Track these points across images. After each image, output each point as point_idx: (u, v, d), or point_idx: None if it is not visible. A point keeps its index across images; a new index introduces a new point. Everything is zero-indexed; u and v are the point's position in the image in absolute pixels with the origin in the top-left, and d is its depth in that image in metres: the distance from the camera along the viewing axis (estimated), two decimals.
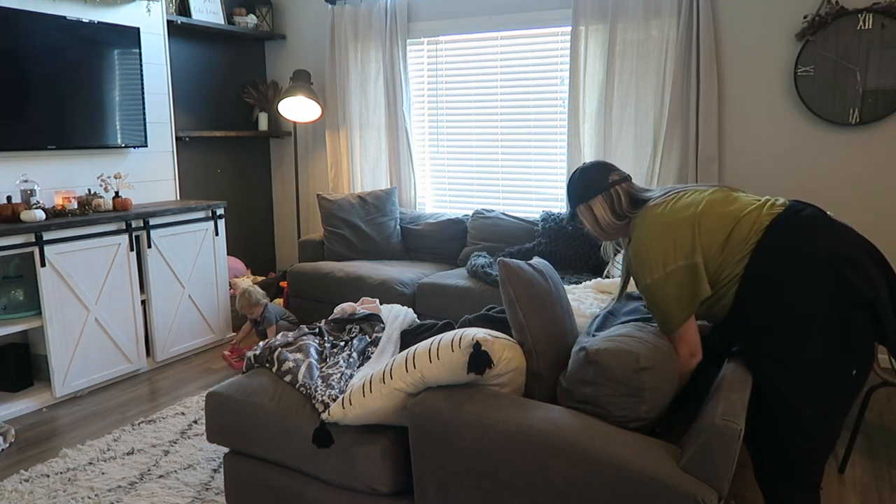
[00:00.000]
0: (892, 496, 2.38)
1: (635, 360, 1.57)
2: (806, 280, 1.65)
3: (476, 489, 1.63)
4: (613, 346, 1.62)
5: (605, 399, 1.59)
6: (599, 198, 1.95)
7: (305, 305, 4.11)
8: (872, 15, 3.30)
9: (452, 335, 1.74)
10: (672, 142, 3.76)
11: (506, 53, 4.31)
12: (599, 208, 1.95)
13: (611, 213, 1.94)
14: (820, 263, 1.64)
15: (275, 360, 2.17)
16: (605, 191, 1.94)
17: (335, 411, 1.84)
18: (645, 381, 1.56)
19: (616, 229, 1.96)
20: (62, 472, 2.60)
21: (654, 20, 3.73)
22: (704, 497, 1.36)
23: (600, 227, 1.98)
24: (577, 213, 2.03)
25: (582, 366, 1.64)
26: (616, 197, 1.94)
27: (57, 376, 3.24)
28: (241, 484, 2.10)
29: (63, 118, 3.46)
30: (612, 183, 1.95)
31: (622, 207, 1.93)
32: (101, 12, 3.66)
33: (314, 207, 5.18)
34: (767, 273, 1.70)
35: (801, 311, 1.65)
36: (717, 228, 1.75)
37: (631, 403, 1.57)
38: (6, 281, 3.24)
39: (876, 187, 3.46)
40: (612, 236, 2.01)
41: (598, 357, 1.60)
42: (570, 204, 2.04)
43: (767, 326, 1.71)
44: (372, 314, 2.57)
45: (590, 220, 1.99)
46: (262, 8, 4.91)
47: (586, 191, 1.97)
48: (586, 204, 1.98)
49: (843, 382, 1.68)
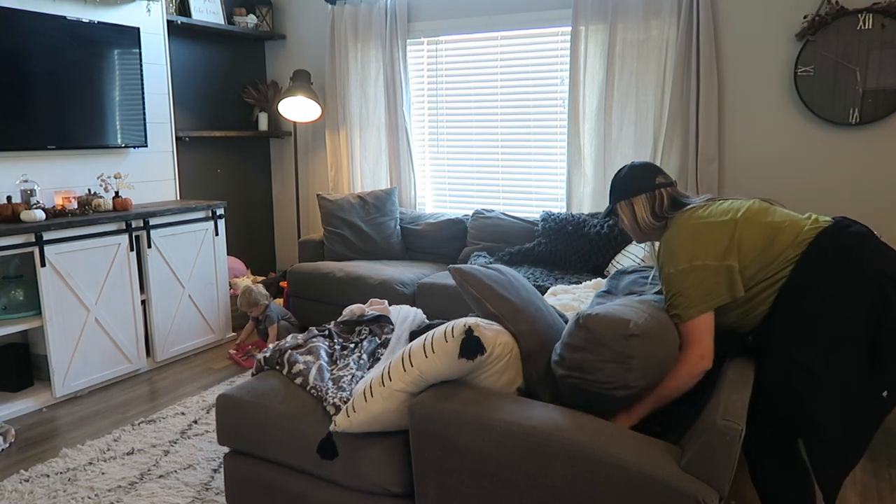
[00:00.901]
0: (893, 496, 2.38)
1: (625, 326, 1.57)
2: (848, 293, 1.64)
3: (477, 489, 1.63)
4: (605, 311, 1.63)
5: (593, 364, 1.60)
6: (643, 197, 1.96)
7: (305, 305, 4.11)
8: (872, 15, 3.30)
9: (445, 326, 1.73)
10: (672, 142, 3.76)
11: (506, 53, 4.31)
12: (640, 207, 1.96)
13: (650, 213, 1.95)
14: (865, 279, 1.63)
15: (285, 362, 2.17)
16: (650, 191, 1.95)
17: (341, 421, 1.82)
18: (633, 347, 1.56)
19: (652, 230, 1.97)
20: (62, 472, 2.60)
21: (654, 20, 3.73)
22: (705, 497, 1.36)
23: (637, 226, 1.98)
24: (616, 208, 2.02)
25: (573, 331, 1.66)
26: (659, 198, 1.95)
27: (57, 376, 3.24)
28: (241, 484, 2.10)
29: (63, 118, 3.46)
30: (658, 185, 1.95)
31: (662, 209, 1.94)
32: (101, 12, 3.66)
33: (314, 207, 5.18)
34: (810, 281, 1.69)
35: (837, 322, 1.64)
36: (756, 236, 1.75)
37: (618, 370, 1.58)
38: (6, 281, 3.24)
39: (876, 187, 3.46)
40: (647, 237, 2.01)
41: (589, 322, 1.62)
42: (611, 199, 2.05)
43: (799, 334, 1.70)
44: (381, 315, 2.57)
45: (629, 217, 1.99)
46: (262, 8, 4.91)
47: (631, 188, 1.97)
48: (628, 201, 1.98)
49: (870, 401, 1.66)
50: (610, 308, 1.65)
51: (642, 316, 1.63)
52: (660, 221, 1.94)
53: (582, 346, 1.62)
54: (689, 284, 1.74)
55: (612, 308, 1.65)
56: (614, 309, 1.64)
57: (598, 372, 1.59)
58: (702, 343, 1.74)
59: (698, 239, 1.77)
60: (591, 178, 4.04)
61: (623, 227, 2.05)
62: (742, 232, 1.76)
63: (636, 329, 1.56)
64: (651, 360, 1.59)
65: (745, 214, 1.79)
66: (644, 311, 1.66)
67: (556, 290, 2.93)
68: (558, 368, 1.69)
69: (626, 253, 3.55)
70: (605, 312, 1.62)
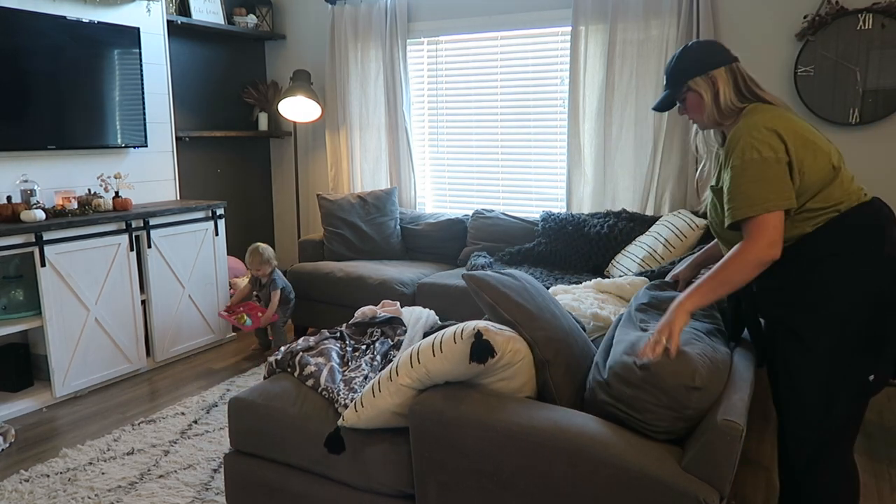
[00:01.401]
0: (893, 496, 2.38)
1: (690, 378, 1.47)
2: (861, 271, 1.61)
3: (477, 489, 1.62)
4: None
5: (644, 405, 1.51)
6: (724, 69, 1.71)
7: (305, 305, 4.11)
8: (872, 15, 3.30)
9: (455, 328, 1.72)
10: (672, 142, 3.76)
11: (506, 53, 4.31)
12: (723, 83, 1.71)
13: (734, 90, 1.71)
14: (882, 261, 1.61)
15: (296, 364, 2.17)
16: (730, 63, 1.71)
17: (349, 416, 1.83)
18: (693, 399, 1.47)
19: (731, 113, 1.73)
20: (62, 472, 2.60)
21: (654, 20, 3.73)
22: (706, 497, 1.36)
23: (717, 107, 1.73)
24: (689, 87, 1.75)
25: (629, 365, 1.55)
26: (739, 74, 1.72)
27: (57, 376, 3.24)
28: (241, 484, 2.10)
29: (63, 118, 3.46)
30: (734, 58, 1.72)
31: (747, 87, 1.71)
32: (101, 12, 3.66)
33: (314, 207, 5.18)
34: (829, 246, 1.63)
35: (842, 298, 1.61)
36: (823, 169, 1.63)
37: (669, 417, 1.49)
38: (6, 281, 3.24)
39: (876, 187, 3.46)
40: (719, 123, 1.78)
41: (652, 363, 1.51)
42: (676, 80, 1.76)
43: (801, 302, 1.67)
44: (393, 317, 2.57)
45: (709, 95, 1.73)
46: (262, 8, 4.91)
47: (708, 62, 1.71)
48: (708, 76, 1.71)
49: (854, 382, 1.65)
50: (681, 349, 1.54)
51: (705, 364, 1.53)
52: (743, 103, 1.71)
53: (637, 383, 1.52)
54: (758, 175, 1.59)
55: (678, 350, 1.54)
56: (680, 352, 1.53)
57: (647, 413, 1.51)
58: (771, 232, 1.58)
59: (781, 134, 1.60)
60: (590, 178, 4.04)
61: (688, 112, 1.79)
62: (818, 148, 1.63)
63: (700, 382, 1.47)
64: (702, 412, 1.51)
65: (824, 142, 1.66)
66: (707, 357, 1.56)
67: (556, 290, 2.93)
68: (601, 393, 1.60)
69: (626, 253, 3.55)
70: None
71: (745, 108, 1.72)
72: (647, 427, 1.52)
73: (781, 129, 1.62)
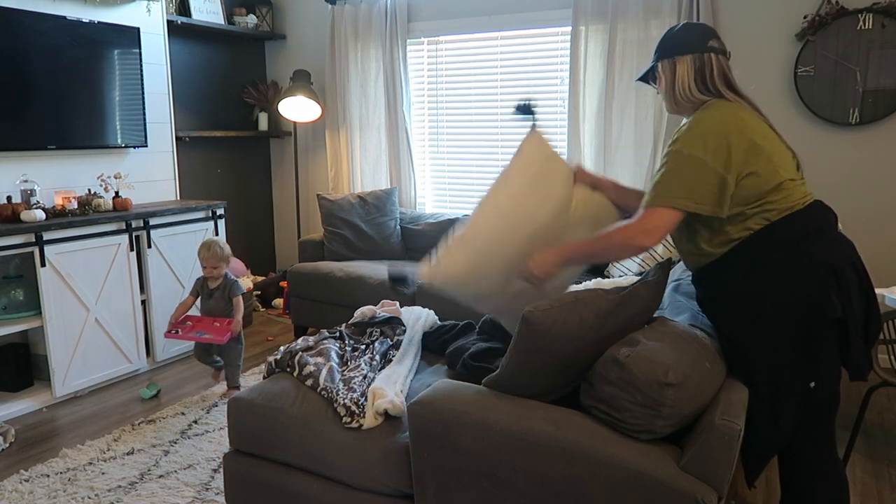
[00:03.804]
0: (893, 496, 2.38)
1: (663, 374, 1.45)
2: (792, 279, 1.60)
3: (476, 489, 1.63)
4: (645, 352, 1.51)
5: (622, 403, 1.50)
6: (689, 57, 1.72)
7: (305, 305, 4.11)
8: (872, 15, 3.30)
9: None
10: None
11: (506, 53, 4.31)
12: (684, 69, 1.72)
13: (695, 79, 1.71)
14: (810, 267, 1.59)
15: (296, 364, 2.17)
16: (699, 53, 1.71)
17: (428, 272, 1.89)
18: (668, 397, 1.44)
19: (688, 103, 1.73)
20: (62, 472, 2.60)
21: (654, 20, 3.72)
22: (704, 497, 1.36)
23: (673, 93, 1.75)
24: (657, 68, 1.79)
25: (608, 364, 1.55)
26: (708, 64, 1.71)
27: (57, 376, 3.24)
28: (241, 484, 2.10)
29: (63, 118, 3.46)
30: (709, 48, 1.71)
31: (711, 80, 1.70)
32: (101, 12, 3.66)
33: (314, 207, 5.18)
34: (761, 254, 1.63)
35: (774, 308, 1.61)
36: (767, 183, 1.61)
37: (646, 415, 1.47)
38: (6, 281, 3.24)
39: (876, 187, 3.46)
40: (679, 109, 1.78)
41: (626, 360, 1.51)
42: (654, 57, 1.80)
43: (735, 312, 1.67)
44: (392, 317, 2.57)
45: (668, 79, 1.75)
46: (262, 8, 4.91)
47: (677, 46, 1.73)
48: (671, 60, 1.74)
49: (794, 392, 1.64)
50: (650, 347, 1.54)
51: (682, 360, 1.50)
52: (702, 94, 1.70)
53: (614, 381, 1.51)
54: (685, 170, 1.60)
55: (652, 347, 1.53)
56: (655, 349, 1.52)
57: (624, 412, 1.50)
58: (656, 225, 1.62)
59: (726, 136, 1.59)
60: None
61: (658, 92, 1.81)
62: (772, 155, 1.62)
63: (674, 378, 1.44)
64: (682, 410, 1.48)
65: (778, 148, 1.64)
66: (686, 353, 1.55)
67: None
68: (586, 398, 1.61)
69: None
70: (645, 353, 1.51)
71: (707, 101, 1.71)
72: (628, 427, 1.51)
73: (734, 134, 1.61)
